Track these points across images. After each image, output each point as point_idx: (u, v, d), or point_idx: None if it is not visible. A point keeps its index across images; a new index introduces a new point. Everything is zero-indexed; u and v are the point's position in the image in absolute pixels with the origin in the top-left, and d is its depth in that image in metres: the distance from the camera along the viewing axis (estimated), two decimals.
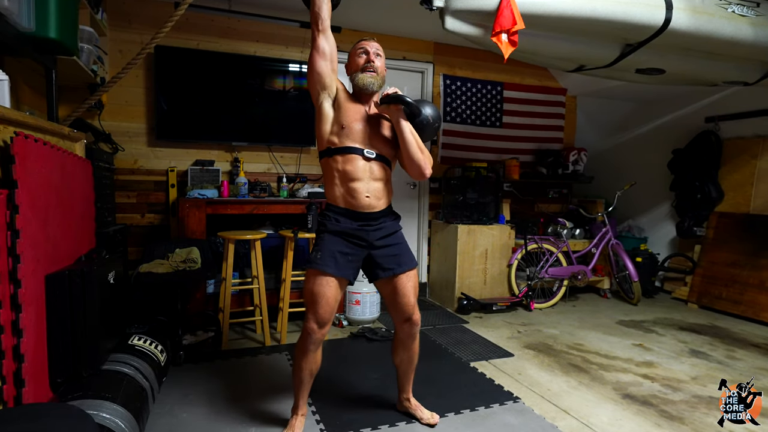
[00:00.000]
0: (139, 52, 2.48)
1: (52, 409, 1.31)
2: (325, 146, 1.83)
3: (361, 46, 1.88)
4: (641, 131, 5.02)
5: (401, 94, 1.77)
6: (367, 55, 1.86)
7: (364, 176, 1.78)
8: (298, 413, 1.89)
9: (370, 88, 1.84)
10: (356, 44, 1.91)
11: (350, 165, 1.78)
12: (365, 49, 1.87)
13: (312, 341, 1.76)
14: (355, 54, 1.89)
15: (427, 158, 1.82)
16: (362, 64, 1.85)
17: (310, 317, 1.75)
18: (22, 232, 1.42)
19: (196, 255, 2.67)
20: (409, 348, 1.94)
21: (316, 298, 1.75)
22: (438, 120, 1.85)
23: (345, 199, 1.80)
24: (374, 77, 1.85)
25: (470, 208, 3.97)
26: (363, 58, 1.86)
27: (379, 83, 1.87)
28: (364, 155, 1.78)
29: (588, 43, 2.55)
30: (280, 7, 3.57)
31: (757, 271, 3.73)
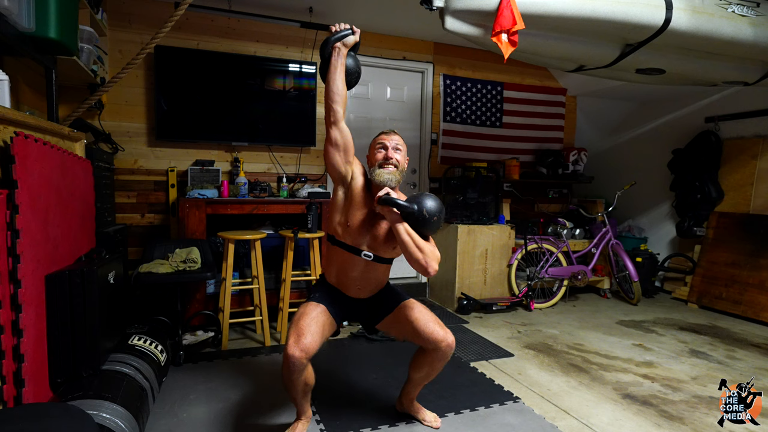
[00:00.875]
0: (139, 52, 2.49)
1: (52, 409, 1.31)
2: (331, 230, 1.87)
3: (381, 141, 1.84)
4: (641, 131, 5.02)
5: (392, 196, 1.68)
6: (386, 151, 1.81)
7: (358, 273, 1.85)
8: (303, 418, 1.87)
9: (387, 184, 1.76)
10: (376, 137, 1.88)
11: (347, 261, 1.83)
12: (384, 144, 1.82)
13: (295, 369, 1.62)
14: (374, 148, 1.85)
15: (429, 256, 1.69)
16: (380, 159, 1.80)
17: (292, 342, 1.62)
18: (22, 232, 1.42)
19: (196, 255, 2.67)
20: (435, 368, 1.87)
21: (302, 319, 1.70)
22: (438, 213, 1.71)
23: (337, 281, 1.90)
24: (392, 173, 1.78)
25: (470, 208, 3.98)
26: (381, 153, 1.81)
27: (397, 179, 1.79)
28: (363, 256, 1.81)
29: (588, 43, 2.55)
30: (280, 7, 3.58)
31: (757, 271, 3.73)
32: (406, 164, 1.85)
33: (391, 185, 1.76)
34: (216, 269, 2.67)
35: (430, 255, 1.70)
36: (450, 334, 1.82)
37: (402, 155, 1.83)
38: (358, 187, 1.81)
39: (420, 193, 1.75)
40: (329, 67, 1.78)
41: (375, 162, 1.81)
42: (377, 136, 1.88)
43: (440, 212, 1.72)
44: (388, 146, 1.81)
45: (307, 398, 1.83)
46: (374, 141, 1.87)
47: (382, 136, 1.86)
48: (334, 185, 1.85)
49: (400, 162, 1.81)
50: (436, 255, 1.73)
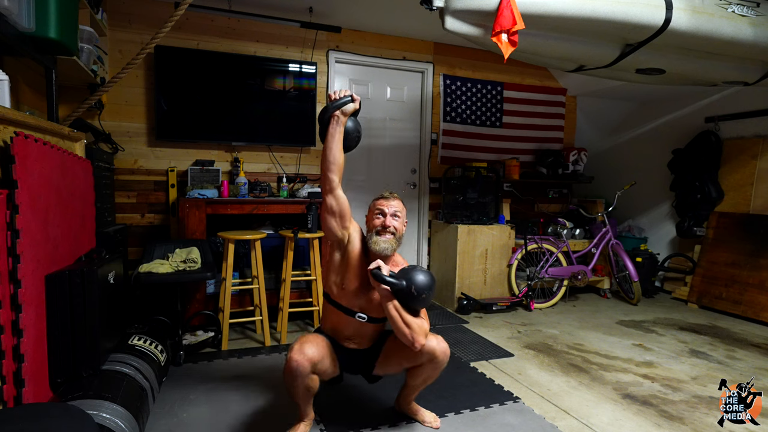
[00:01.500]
0: (139, 52, 2.49)
1: (52, 409, 1.31)
2: (327, 288, 1.89)
3: (379, 207, 1.82)
4: (641, 131, 5.02)
5: (382, 272, 1.66)
6: (384, 218, 1.79)
7: (352, 332, 1.87)
8: (306, 420, 1.86)
9: (383, 253, 1.76)
10: (376, 201, 1.86)
11: (342, 320, 1.85)
12: (382, 210, 1.81)
13: (298, 374, 1.64)
14: (373, 212, 1.84)
15: (416, 332, 1.69)
16: (378, 226, 1.79)
17: (296, 348, 1.66)
18: (22, 232, 1.42)
19: (196, 255, 2.67)
20: (432, 376, 1.87)
21: (308, 336, 1.75)
22: (427, 290, 1.68)
23: (333, 335, 1.90)
24: (388, 242, 1.77)
25: (470, 208, 3.98)
26: (379, 220, 1.80)
27: (393, 247, 1.78)
28: (356, 318, 1.82)
29: (588, 43, 2.55)
30: (280, 7, 3.58)
31: (757, 271, 3.73)
32: (404, 229, 1.85)
33: (387, 254, 1.76)
34: (216, 269, 2.67)
35: (417, 330, 1.69)
36: (442, 340, 1.81)
37: (400, 222, 1.82)
38: (355, 250, 1.79)
39: (411, 267, 1.74)
40: (326, 135, 1.76)
41: (372, 228, 1.81)
42: (377, 199, 1.86)
43: (430, 289, 1.69)
44: (387, 213, 1.79)
45: (310, 402, 1.83)
46: (373, 204, 1.86)
47: (381, 201, 1.84)
48: (331, 244, 1.84)
49: (398, 229, 1.80)
50: (424, 329, 1.72)
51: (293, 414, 1.90)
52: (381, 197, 1.86)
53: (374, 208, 1.84)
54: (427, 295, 1.69)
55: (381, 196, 1.87)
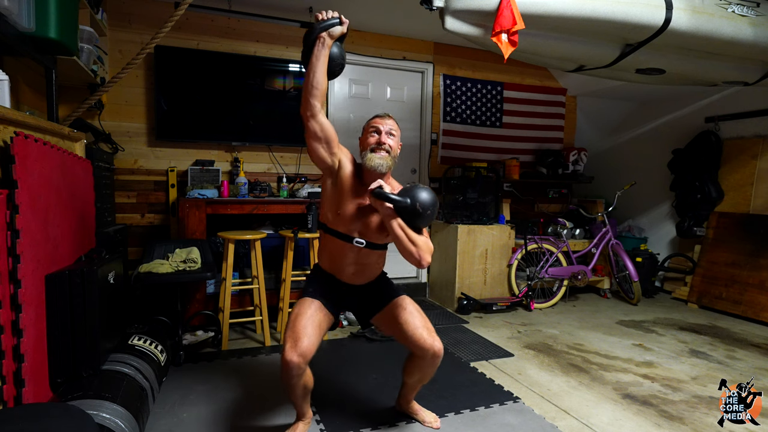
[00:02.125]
0: (139, 52, 2.49)
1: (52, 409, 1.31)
2: (323, 218, 1.86)
3: (374, 125, 1.79)
4: (641, 131, 5.02)
5: (385, 190, 1.65)
6: (379, 135, 1.76)
7: (351, 260, 1.82)
8: (304, 419, 1.86)
9: (378, 170, 1.72)
10: (370, 120, 1.82)
11: (340, 248, 1.81)
12: (377, 128, 1.77)
13: (294, 374, 1.61)
14: (367, 131, 1.80)
15: (422, 249, 1.66)
16: (372, 143, 1.75)
17: (289, 346, 1.60)
18: (22, 232, 1.42)
19: (196, 255, 2.67)
20: (426, 374, 1.87)
21: (298, 320, 1.68)
22: (432, 206, 1.67)
23: (330, 267, 1.87)
24: (383, 159, 1.73)
25: (470, 208, 3.98)
26: (374, 138, 1.76)
27: (388, 164, 1.74)
28: (354, 243, 1.78)
29: (588, 43, 2.55)
30: (280, 7, 3.57)
31: (757, 271, 3.73)
32: (399, 150, 1.81)
33: (383, 171, 1.72)
34: (216, 269, 2.67)
35: (424, 248, 1.67)
36: (438, 341, 1.77)
37: (395, 141, 1.79)
38: (347, 175, 1.76)
39: (413, 185, 1.70)
40: (311, 57, 1.69)
41: (367, 146, 1.76)
42: (371, 119, 1.82)
43: (434, 205, 1.68)
44: (382, 130, 1.76)
45: (307, 400, 1.82)
46: (368, 124, 1.82)
47: (375, 119, 1.80)
48: (322, 175, 1.82)
49: (392, 148, 1.77)
50: (429, 247, 1.70)
51: (293, 414, 1.90)
52: (376, 116, 1.81)
53: (368, 127, 1.80)
54: (432, 212, 1.68)
55: (376, 116, 1.82)
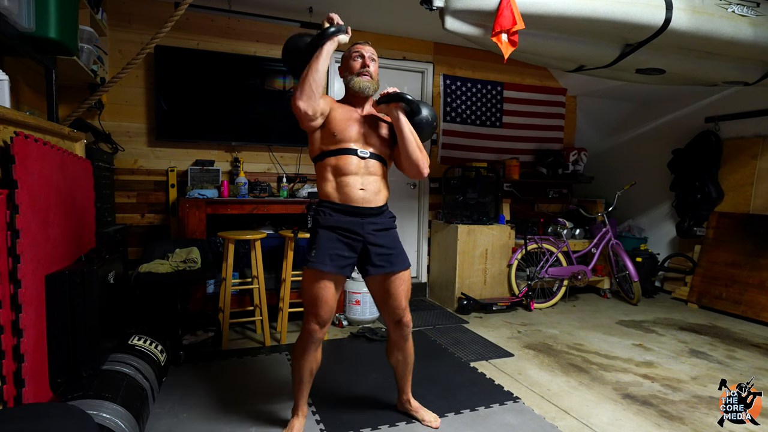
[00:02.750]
0: (139, 52, 2.49)
1: (52, 409, 1.31)
2: (317, 151, 1.85)
3: (357, 50, 1.87)
4: (641, 131, 5.02)
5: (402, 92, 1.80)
6: (363, 59, 1.85)
7: (358, 171, 1.78)
8: (299, 414, 1.89)
9: (365, 92, 1.84)
10: (351, 47, 1.90)
11: (343, 161, 1.78)
12: (361, 53, 1.86)
13: (313, 341, 1.78)
14: (350, 57, 1.88)
15: (425, 157, 1.85)
16: (357, 68, 1.85)
17: (311, 318, 1.76)
18: (22, 232, 1.42)
19: (196, 255, 2.67)
20: (402, 348, 1.95)
21: (315, 300, 1.75)
22: (435, 120, 1.90)
23: (338, 193, 1.78)
24: (370, 81, 1.85)
25: (470, 208, 3.98)
26: (358, 62, 1.85)
27: (374, 87, 1.87)
28: (358, 154, 1.78)
29: (588, 43, 2.55)
30: (280, 7, 3.57)
31: (757, 271, 3.73)
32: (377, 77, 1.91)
33: (369, 93, 1.85)
34: (216, 269, 2.67)
35: (426, 157, 1.86)
36: (408, 314, 1.91)
37: (376, 66, 1.88)
38: (336, 107, 1.83)
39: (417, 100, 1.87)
40: (320, 55, 1.69)
41: (352, 71, 1.85)
42: (352, 45, 1.89)
43: (436, 120, 1.92)
44: (365, 55, 1.85)
45: (308, 388, 1.87)
46: (349, 50, 1.89)
47: (357, 46, 1.88)
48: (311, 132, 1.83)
49: (375, 73, 1.87)
50: (428, 159, 1.88)
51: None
52: (356, 43, 1.89)
53: (352, 52, 1.87)
54: (435, 125, 1.93)
55: (356, 42, 1.90)
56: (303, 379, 1.83)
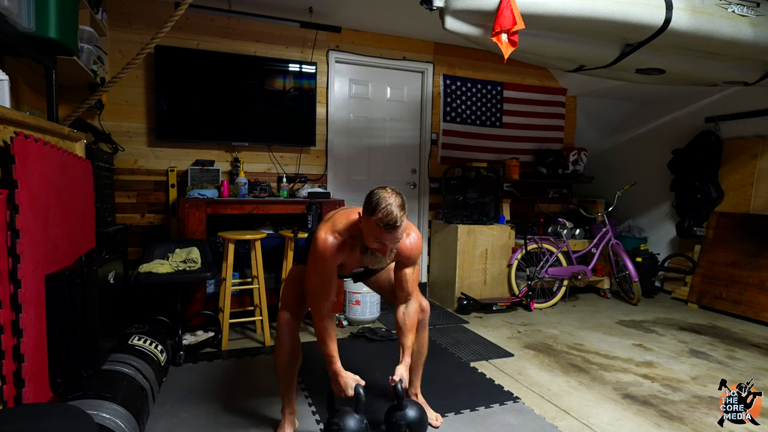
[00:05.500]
0: (139, 52, 2.49)
1: (52, 409, 1.31)
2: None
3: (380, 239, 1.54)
4: (641, 131, 5.02)
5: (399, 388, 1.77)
6: (384, 248, 1.57)
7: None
8: (286, 413, 1.89)
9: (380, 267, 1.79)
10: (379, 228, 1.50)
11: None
12: (383, 243, 1.55)
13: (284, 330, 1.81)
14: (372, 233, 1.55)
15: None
16: (373, 246, 1.58)
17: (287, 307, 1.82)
18: (22, 232, 1.42)
19: (196, 255, 2.67)
20: (419, 336, 1.92)
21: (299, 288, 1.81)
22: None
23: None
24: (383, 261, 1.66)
25: (470, 208, 3.97)
26: (377, 245, 1.56)
27: (389, 262, 1.73)
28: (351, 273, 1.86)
29: (588, 43, 2.55)
30: (280, 7, 3.57)
31: (757, 271, 3.73)
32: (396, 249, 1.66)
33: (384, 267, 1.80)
34: (216, 269, 2.67)
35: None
36: (425, 299, 1.94)
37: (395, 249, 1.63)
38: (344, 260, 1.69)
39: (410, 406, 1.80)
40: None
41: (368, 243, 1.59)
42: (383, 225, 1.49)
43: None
44: (387, 247, 1.57)
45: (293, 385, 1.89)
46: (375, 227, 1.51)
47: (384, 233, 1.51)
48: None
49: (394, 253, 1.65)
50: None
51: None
52: (387, 224, 1.49)
53: (375, 232, 1.53)
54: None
55: (387, 223, 1.49)
56: (285, 376, 1.85)
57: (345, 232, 1.65)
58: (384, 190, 1.54)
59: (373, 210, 1.50)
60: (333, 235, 1.63)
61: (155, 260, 2.60)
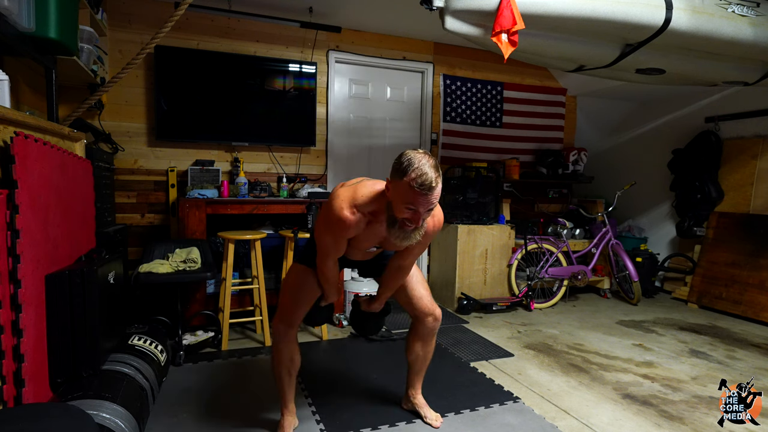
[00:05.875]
0: (139, 52, 2.49)
1: (52, 409, 1.31)
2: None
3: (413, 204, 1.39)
4: (641, 131, 5.02)
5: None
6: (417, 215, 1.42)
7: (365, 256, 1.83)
8: (285, 412, 1.90)
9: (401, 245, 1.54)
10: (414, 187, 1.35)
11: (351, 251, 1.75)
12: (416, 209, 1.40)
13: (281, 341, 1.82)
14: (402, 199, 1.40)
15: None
16: (405, 216, 1.43)
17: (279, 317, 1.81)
18: (22, 232, 1.42)
19: (196, 255, 2.67)
20: (427, 344, 1.96)
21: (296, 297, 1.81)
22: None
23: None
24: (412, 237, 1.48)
25: (470, 208, 3.97)
26: (410, 213, 1.42)
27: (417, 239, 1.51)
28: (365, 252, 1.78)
29: (588, 43, 2.55)
30: (280, 7, 3.57)
31: (757, 271, 3.73)
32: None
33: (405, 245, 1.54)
34: (216, 269, 2.67)
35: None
36: (437, 308, 1.92)
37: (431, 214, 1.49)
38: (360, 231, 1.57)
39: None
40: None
41: (398, 213, 1.45)
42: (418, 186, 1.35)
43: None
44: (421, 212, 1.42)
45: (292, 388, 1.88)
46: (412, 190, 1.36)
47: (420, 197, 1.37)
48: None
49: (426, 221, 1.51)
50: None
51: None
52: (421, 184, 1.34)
53: (407, 196, 1.38)
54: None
55: (421, 184, 1.34)
56: (284, 379, 1.86)
57: (366, 206, 1.51)
58: (415, 151, 1.40)
59: (405, 171, 1.36)
60: (351, 210, 1.50)
61: (155, 260, 2.60)
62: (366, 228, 1.57)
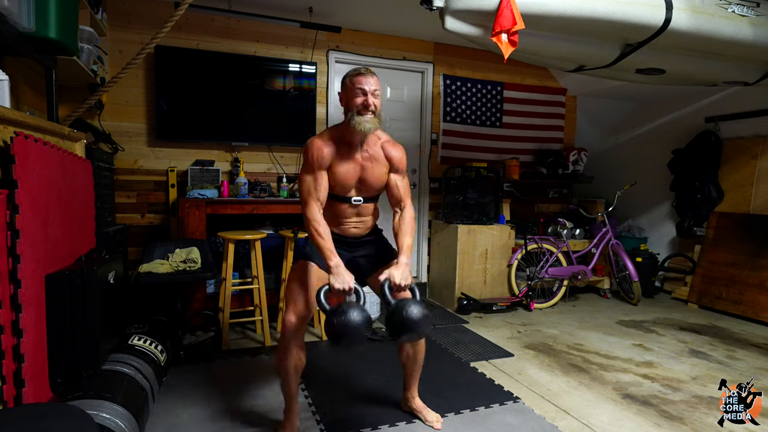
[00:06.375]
0: (139, 52, 2.49)
1: (52, 409, 1.31)
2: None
3: (359, 85, 1.73)
4: (641, 131, 5.02)
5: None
6: (365, 97, 1.73)
7: (351, 217, 1.90)
8: (288, 413, 1.88)
9: (368, 132, 1.76)
10: (353, 78, 1.76)
11: (339, 208, 1.88)
12: (363, 89, 1.73)
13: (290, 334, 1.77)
14: (352, 90, 1.75)
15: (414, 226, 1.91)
16: (359, 104, 1.73)
17: (290, 308, 1.78)
18: (22, 232, 1.42)
19: (196, 255, 2.66)
20: (418, 348, 1.95)
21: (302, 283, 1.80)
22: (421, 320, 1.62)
23: (332, 226, 1.89)
24: (372, 121, 1.74)
25: (470, 208, 3.97)
26: (360, 99, 1.73)
27: (376, 125, 1.77)
28: (351, 203, 1.87)
29: (588, 43, 2.55)
30: (280, 7, 3.57)
31: (757, 271, 3.73)
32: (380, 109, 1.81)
33: (371, 132, 1.78)
34: (216, 269, 2.67)
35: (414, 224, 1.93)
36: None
37: (379, 99, 1.77)
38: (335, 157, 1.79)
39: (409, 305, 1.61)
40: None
41: (353, 107, 1.74)
42: (354, 76, 1.75)
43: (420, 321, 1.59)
44: (368, 91, 1.72)
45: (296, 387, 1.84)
46: (351, 81, 1.75)
47: (359, 77, 1.74)
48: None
49: (377, 107, 1.76)
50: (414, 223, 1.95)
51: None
52: (358, 73, 1.74)
53: (353, 86, 1.74)
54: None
55: (358, 72, 1.75)
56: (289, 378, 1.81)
57: (331, 132, 1.83)
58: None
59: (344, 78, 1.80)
60: (319, 137, 1.82)
61: (155, 260, 2.60)
62: (339, 155, 1.79)
